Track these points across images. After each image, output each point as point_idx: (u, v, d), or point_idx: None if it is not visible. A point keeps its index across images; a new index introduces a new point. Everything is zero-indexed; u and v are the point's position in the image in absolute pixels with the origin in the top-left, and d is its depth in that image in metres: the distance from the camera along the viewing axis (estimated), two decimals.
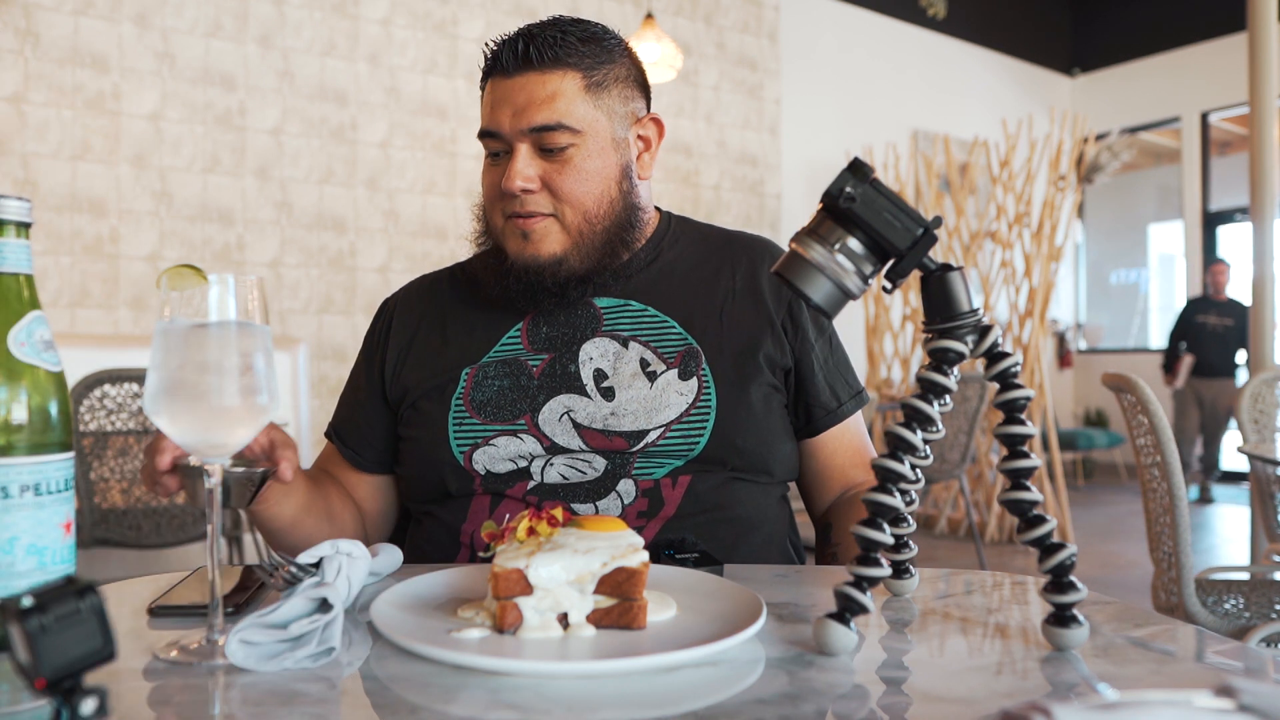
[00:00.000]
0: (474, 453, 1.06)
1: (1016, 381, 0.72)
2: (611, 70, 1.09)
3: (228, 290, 0.70)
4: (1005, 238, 5.23)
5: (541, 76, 1.05)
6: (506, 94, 1.05)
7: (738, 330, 1.11)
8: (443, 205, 4.87)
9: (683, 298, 1.13)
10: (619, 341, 1.09)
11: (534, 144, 1.05)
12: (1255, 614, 2.07)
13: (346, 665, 0.66)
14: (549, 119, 1.04)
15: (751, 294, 1.14)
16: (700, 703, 0.59)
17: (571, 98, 1.05)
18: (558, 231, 1.07)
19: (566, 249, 1.08)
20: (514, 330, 1.13)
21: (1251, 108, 3.86)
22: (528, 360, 1.10)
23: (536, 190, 1.06)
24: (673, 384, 1.06)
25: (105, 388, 2.64)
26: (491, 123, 1.07)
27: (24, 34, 3.81)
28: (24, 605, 0.46)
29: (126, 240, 4.05)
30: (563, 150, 1.05)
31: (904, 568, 0.84)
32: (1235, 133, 7.74)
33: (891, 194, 0.70)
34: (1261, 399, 2.82)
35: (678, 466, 1.05)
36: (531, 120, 1.04)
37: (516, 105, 1.05)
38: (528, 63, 1.05)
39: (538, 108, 1.04)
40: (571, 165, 1.06)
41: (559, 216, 1.07)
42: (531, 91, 1.04)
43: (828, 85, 6.42)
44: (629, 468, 1.05)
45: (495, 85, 1.07)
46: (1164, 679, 0.64)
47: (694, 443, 1.04)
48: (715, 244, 1.20)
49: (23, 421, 0.69)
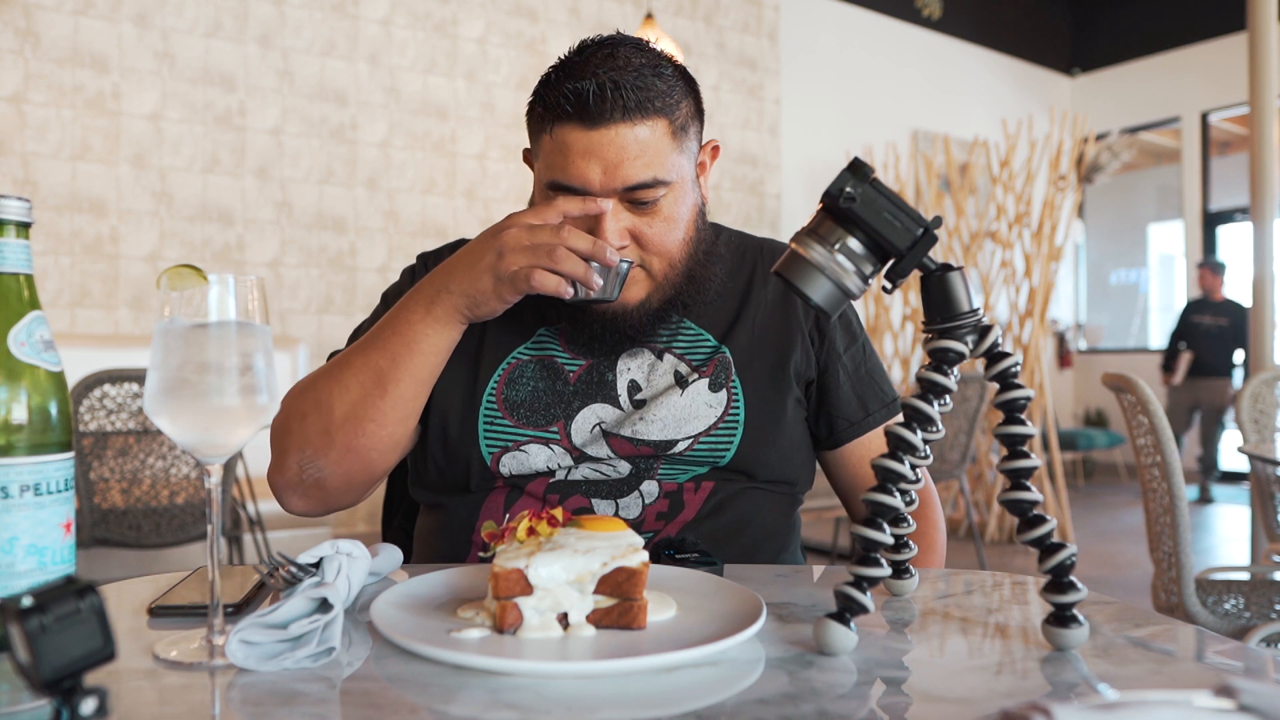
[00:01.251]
0: (503, 455, 1.04)
1: (1016, 381, 0.72)
2: (685, 107, 1.02)
3: (228, 290, 0.70)
4: (1005, 238, 5.23)
5: (632, 128, 0.96)
6: (592, 148, 0.95)
7: (768, 343, 1.09)
8: (443, 205, 4.87)
9: (718, 310, 1.11)
10: (654, 353, 1.08)
11: (623, 199, 0.98)
12: (1255, 614, 2.07)
13: (346, 665, 0.66)
14: (645, 176, 0.97)
15: (781, 305, 1.13)
16: (700, 703, 0.59)
17: (663, 149, 0.98)
18: (644, 280, 1.03)
19: (650, 293, 1.04)
20: (553, 328, 1.09)
21: (1251, 108, 3.86)
22: (565, 365, 1.07)
23: (627, 244, 1.00)
24: (702, 394, 1.06)
25: (105, 388, 2.64)
26: (576, 179, 0.97)
27: (24, 34, 3.81)
28: (24, 605, 0.46)
29: (126, 240, 4.05)
30: (654, 203, 0.99)
31: (904, 568, 0.84)
32: (1235, 133, 7.74)
33: (891, 194, 0.70)
34: (1261, 399, 2.82)
35: (701, 473, 1.04)
36: (628, 179, 0.96)
37: (606, 161, 0.95)
38: (619, 111, 0.95)
39: (632, 164, 0.96)
40: (660, 217, 1.00)
41: (646, 266, 1.02)
42: (623, 146, 0.95)
43: (827, 85, 6.42)
44: (654, 471, 1.04)
45: (573, 135, 0.96)
46: (1164, 679, 0.64)
47: (721, 454, 1.04)
48: (748, 253, 1.18)
49: (23, 421, 0.69)
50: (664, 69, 1.00)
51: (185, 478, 2.80)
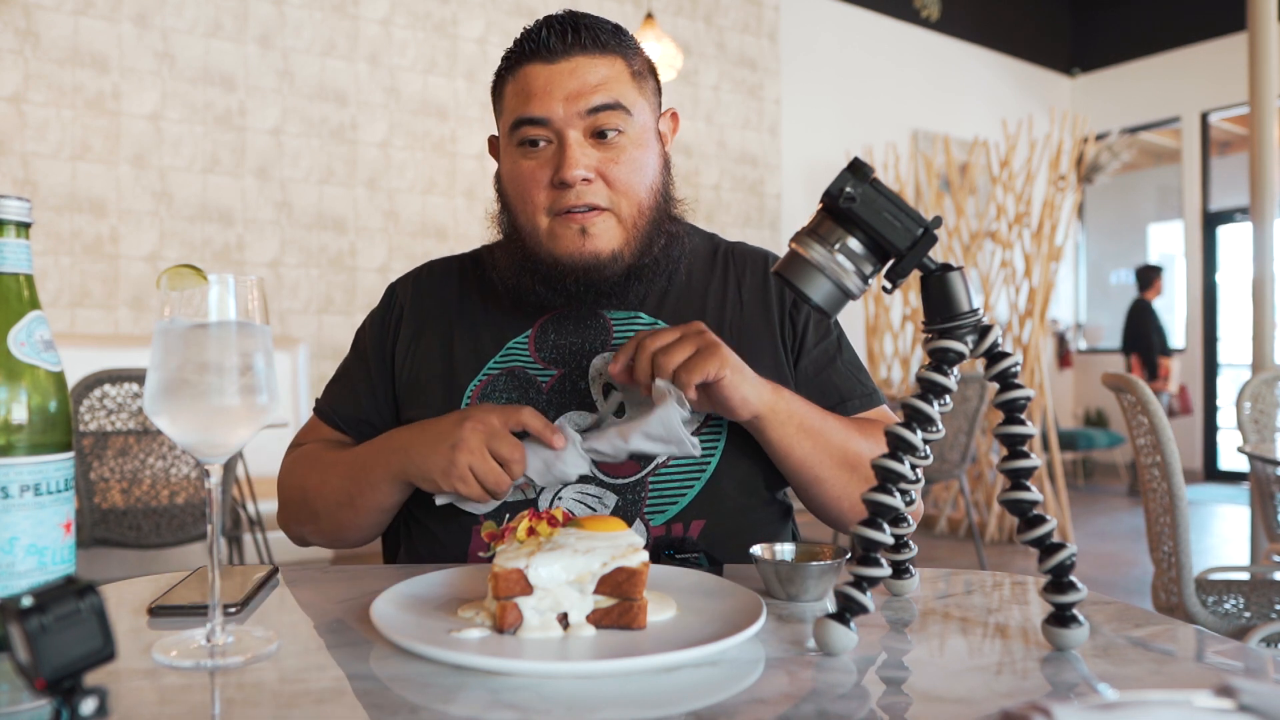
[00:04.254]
0: None
1: (1016, 381, 0.72)
2: (642, 59, 1.08)
3: (228, 290, 0.70)
4: (1005, 238, 5.23)
5: (592, 60, 1.01)
6: (554, 78, 1.00)
7: (744, 344, 1.09)
8: (443, 205, 4.86)
9: (691, 311, 1.11)
10: None
11: (586, 130, 1.01)
12: (1255, 614, 2.07)
13: (346, 665, 0.66)
14: (607, 99, 1.00)
15: (754, 306, 1.13)
16: (700, 703, 0.59)
17: (623, 82, 1.03)
18: (615, 227, 1.03)
19: (623, 244, 1.03)
20: (521, 336, 1.10)
21: (1251, 108, 3.86)
22: (536, 375, 1.07)
23: (593, 180, 1.01)
24: None
25: (105, 388, 2.63)
26: (538, 108, 1.00)
27: (24, 34, 3.81)
28: (24, 605, 0.46)
29: (126, 240, 4.05)
30: (616, 135, 1.01)
31: (904, 568, 0.84)
32: (1235, 133, 7.74)
33: (891, 194, 0.70)
34: (1261, 399, 2.82)
35: (690, 502, 1.02)
36: (590, 101, 1.00)
37: (568, 89, 1.00)
38: (578, 46, 1.01)
39: (592, 90, 1.00)
40: (625, 154, 1.02)
41: (615, 210, 1.03)
42: (584, 75, 1.00)
43: (827, 85, 6.42)
44: (640, 506, 1.02)
45: (535, 71, 1.01)
46: (1164, 679, 0.64)
47: (705, 464, 1.03)
48: (719, 255, 1.18)
49: (23, 421, 0.69)
50: (621, 30, 1.07)
51: (185, 478, 2.80)
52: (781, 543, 0.88)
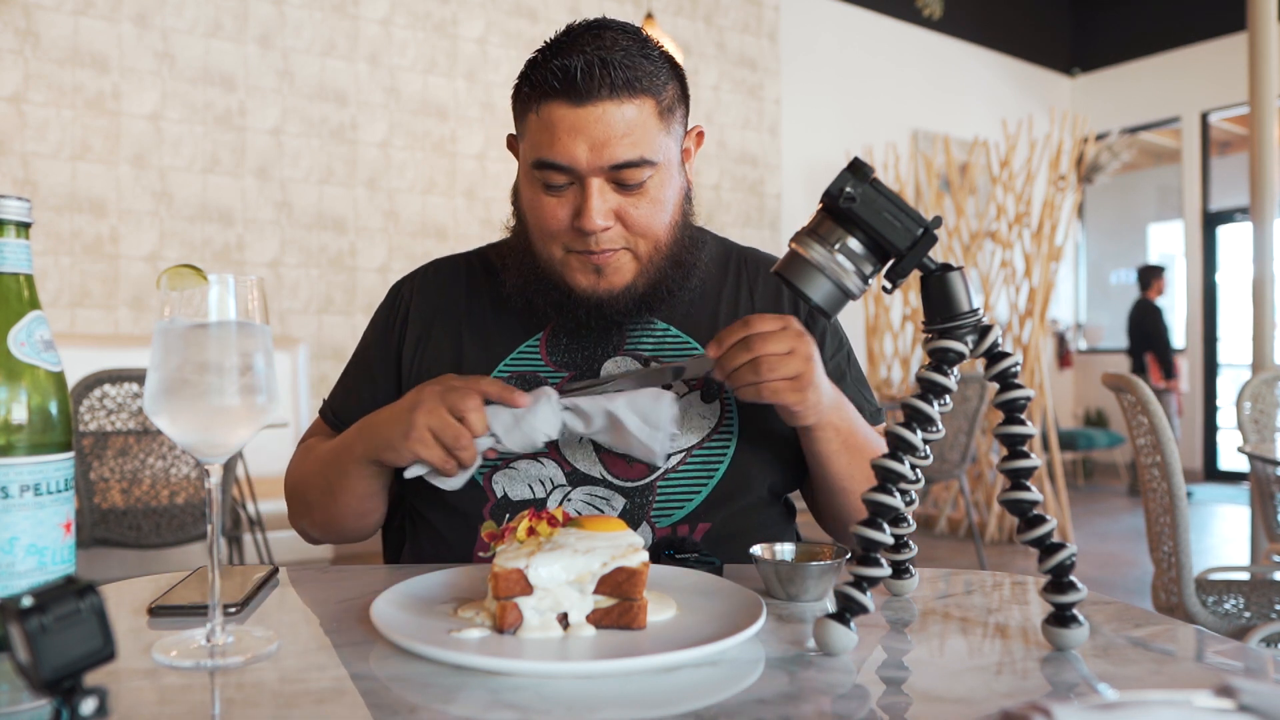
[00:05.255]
0: (494, 475, 1.04)
1: (1016, 381, 0.72)
2: (672, 89, 1.02)
3: (228, 290, 0.70)
4: (1005, 238, 5.23)
5: (619, 106, 0.95)
6: (579, 125, 0.95)
7: None
8: (442, 205, 4.86)
9: (704, 317, 1.11)
10: (640, 362, 1.07)
11: (609, 178, 0.97)
12: (1255, 614, 2.07)
13: (346, 665, 0.66)
14: (632, 155, 0.96)
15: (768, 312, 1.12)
16: (700, 703, 0.59)
17: (650, 129, 0.97)
18: (630, 263, 1.03)
19: (637, 277, 1.03)
20: (533, 340, 1.09)
21: (1251, 108, 3.86)
22: (548, 379, 1.07)
23: (612, 226, 0.99)
24: (695, 405, 1.05)
25: (105, 388, 2.63)
26: (562, 155, 0.96)
27: (24, 34, 3.81)
28: (24, 605, 0.46)
29: (126, 240, 4.05)
30: (641, 184, 0.98)
31: (904, 568, 0.84)
32: (1235, 133, 7.74)
33: (891, 194, 0.70)
34: (1261, 399, 2.82)
35: (697, 506, 1.02)
36: (615, 157, 0.95)
37: (594, 139, 0.95)
38: (606, 88, 0.94)
39: (619, 142, 0.95)
40: (646, 198, 0.99)
41: (632, 249, 1.02)
42: (610, 124, 0.95)
43: (827, 85, 6.42)
44: (647, 509, 1.02)
45: (561, 113, 0.95)
46: (1164, 679, 0.64)
47: (714, 468, 1.03)
48: (732, 260, 1.18)
49: (23, 421, 0.69)
50: (650, 51, 1.00)
51: (185, 478, 2.80)
52: (781, 543, 0.88)
